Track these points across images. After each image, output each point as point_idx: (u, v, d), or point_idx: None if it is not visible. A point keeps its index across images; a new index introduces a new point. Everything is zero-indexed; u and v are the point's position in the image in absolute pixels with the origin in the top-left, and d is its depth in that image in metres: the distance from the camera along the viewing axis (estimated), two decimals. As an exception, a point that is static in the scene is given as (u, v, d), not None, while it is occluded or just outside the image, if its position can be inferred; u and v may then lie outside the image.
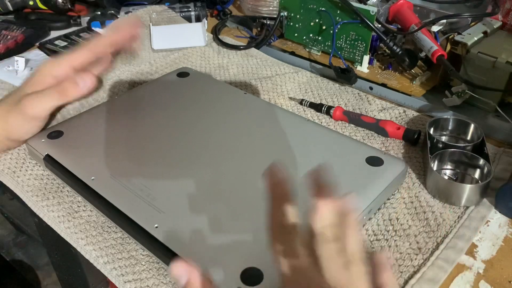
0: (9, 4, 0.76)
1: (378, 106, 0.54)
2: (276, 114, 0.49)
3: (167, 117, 0.49)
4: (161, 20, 0.73)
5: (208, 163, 0.42)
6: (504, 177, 0.43)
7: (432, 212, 0.40)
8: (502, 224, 0.40)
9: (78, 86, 0.46)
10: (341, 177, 0.40)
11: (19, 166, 0.46)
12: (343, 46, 0.61)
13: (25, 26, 0.71)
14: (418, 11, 0.61)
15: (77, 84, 0.46)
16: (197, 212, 0.37)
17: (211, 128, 0.47)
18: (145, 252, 0.37)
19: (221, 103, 0.51)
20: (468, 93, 0.51)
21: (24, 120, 0.46)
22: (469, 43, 0.51)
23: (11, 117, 0.46)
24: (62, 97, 0.46)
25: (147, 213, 0.37)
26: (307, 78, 0.60)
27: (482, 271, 0.36)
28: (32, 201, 0.43)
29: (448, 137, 0.48)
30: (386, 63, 0.60)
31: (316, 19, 0.62)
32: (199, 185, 0.40)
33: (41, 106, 0.46)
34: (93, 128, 0.47)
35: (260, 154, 0.43)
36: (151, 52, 0.67)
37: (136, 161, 0.43)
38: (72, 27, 0.75)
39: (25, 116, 0.45)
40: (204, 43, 0.68)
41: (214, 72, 0.63)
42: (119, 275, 0.36)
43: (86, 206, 0.42)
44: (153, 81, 0.57)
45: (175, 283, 0.27)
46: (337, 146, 0.44)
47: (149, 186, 0.40)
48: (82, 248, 0.39)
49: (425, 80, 0.56)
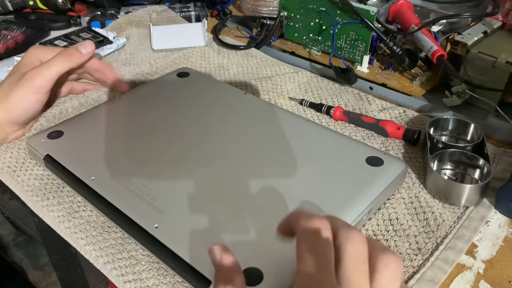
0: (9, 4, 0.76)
1: (378, 106, 0.54)
2: (276, 114, 0.49)
3: (167, 117, 0.49)
4: (161, 20, 0.73)
5: (208, 163, 0.42)
6: (504, 177, 0.43)
7: (432, 212, 0.40)
8: (502, 224, 0.40)
9: (79, 50, 0.50)
10: (341, 177, 0.40)
11: (19, 166, 0.46)
12: (343, 46, 0.61)
13: (25, 26, 0.71)
14: (418, 11, 0.61)
15: (79, 49, 0.50)
16: (197, 212, 0.37)
17: (211, 128, 0.47)
18: (145, 252, 0.37)
19: (221, 103, 0.51)
20: (468, 93, 0.51)
21: (28, 93, 0.46)
22: (469, 43, 0.51)
23: (12, 94, 0.46)
24: (67, 62, 0.49)
25: (147, 213, 0.37)
26: (307, 78, 0.60)
27: (482, 271, 0.36)
28: (32, 201, 0.43)
29: (448, 137, 0.48)
30: (386, 63, 0.60)
31: (316, 19, 0.62)
32: (199, 185, 0.40)
33: (46, 74, 0.47)
34: (93, 128, 0.47)
35: (260, 154, 0.43)
36: (151, 52, 0.67)
37: (136, 161, 0.43)
38: (72, 27, 0.75)
39: (30, 87, 0.46)
40: (204, 43, 0.68)
41: (214, 72, 0.63)
42: (119, 275, 0.36)
43: (86, 206, 0.42)
44: (153, 81, 0.57)
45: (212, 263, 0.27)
46: (337, 146, 0.44)
47: (149, 186, 0.40)
48: (82, 248, 0.39)
49: (425, 80, 0.57)
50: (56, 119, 0.52)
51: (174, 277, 0.35)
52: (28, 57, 0.49)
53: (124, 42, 0.68)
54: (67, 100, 0.54)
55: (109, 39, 0.66)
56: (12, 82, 0.47)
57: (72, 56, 0.49)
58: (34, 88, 0.47)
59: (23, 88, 0.46)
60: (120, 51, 0.66)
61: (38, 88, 0.47)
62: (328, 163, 0.42)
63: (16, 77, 0.47)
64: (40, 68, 0.47)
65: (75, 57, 0.50)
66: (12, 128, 0.48)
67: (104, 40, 0.66)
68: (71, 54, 0.49)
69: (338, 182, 0.39)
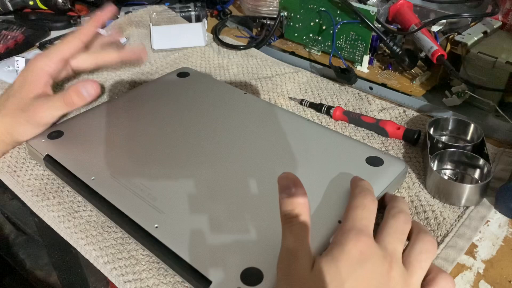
0: (9, 4, 0.76)
1: (378, 106, 0.54)
2: (276, 114, 0.49)
3: (167, 117, 0.49)
4: (161, 20, 0.73)
5: (208, 163, 0.42)
6: (504, 177, 0.43)
7: (432, 211, 0.40)
8: (502, 224, 0.40)
9: (82, 94, 0.47)
10: (341, 177, 0.40)
11: (19, 166, 0.46)
12: (343, 46, 0.61)
13: (25, 26, 0.71)
14: (418, 11, 0.61)
15: (81, 93, 0.47)
16: (197, 212, 0.37)
17: (211, 128, 0.47)
18: (145, 252, 0.37)
19: (221, 103, 0.51)
20: (468, 93, 0.51)
21: (33, 128, 0.47)
22: (469, 43, 0.51)
23: (17, 123, 0.46)
24: (68, 106, 0.48)
25: (147, 213, 0.37)
26: (307, 78, 0.60)
27: (482, 271, 0.36)
28: (32, 201, 0.43)
29: (448, 137, 0.48)
30: (386, 63, 0.60)
31: (316, 19, 0.62)
32: (199, 185, 0.40)
33: (50, 115, 0.48)
34: (93, 128, 0.47)
35: (260, 154, 0.43)
36: (151, 52, 0.67)
37: (136, 161, 0.43)
38: (72, 27, 0.75)
39: (34, 123, 0.47)
40: (204, 43, 0.68)
41: (214, 72, 0.63)
42: (119, 275, 0.36)
43: (86, 206, 0.42)
44: (153, 81, 0.57)
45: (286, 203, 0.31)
46: (337, 146, 0.44)
47: (149, 186, 0.40)
48: (82, 248, 0.39)
49: (425, 80, 0.57)
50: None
51: (174, 277, 0.35)
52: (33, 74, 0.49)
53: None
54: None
55: (109, 39, 0.66)
56: (15, 107, 0.47)
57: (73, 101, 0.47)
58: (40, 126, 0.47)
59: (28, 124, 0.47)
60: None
61: (43, 126, 0.48)
62: (328, 163, 0.42)
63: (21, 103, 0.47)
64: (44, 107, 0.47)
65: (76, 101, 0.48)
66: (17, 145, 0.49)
67: (104, 40, 0.66)
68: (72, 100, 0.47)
69: (338, 182, 0.39)
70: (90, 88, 0.47)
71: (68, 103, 0.47)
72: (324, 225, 0.35)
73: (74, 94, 0.47)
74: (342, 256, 0.28)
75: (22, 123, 0.46)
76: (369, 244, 0.29)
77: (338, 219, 0.36)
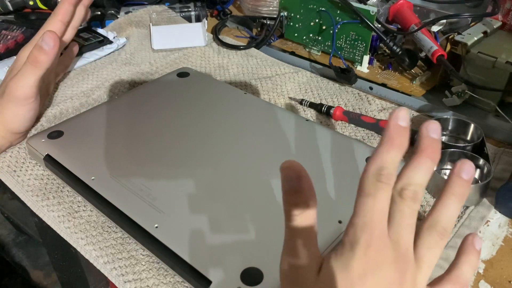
0: (9, 4, 0.76)
1: (378, 106, 0.54)
2: (276, 114, 0.49)
3: (167, 117, 0.49)
4: (161, 20, 0.73)
5: (208, 163, 0.42)
6: (504, 177, 0.43)
7: (432, 212, 0.40)
8: (502, 224, 0.40)
9: (42, 48, 0.46)
10: (341, 177, 0.40)
11: (19, 165, 0.46)
12: (343, 46, 0.61)
13: (25, 26, 0.71)
14: (418, 11, 0.61)
15: (41, 47, 0.46)
16: (197, 212, 0.37)
17: (211, 128, 0.47)
18: (145, 252, 0.37)
19: (221, 103, 0.51)
20: (468, 93, 0.51)
21: (16, 106, 0.46)
22: (469, 43, 0.51)
23: (3, 108, 0.46)
24: (36, 67, 0.46)
25: (147, 213, 0.37)
26: (307, 78, 0.60)
27: (482, 271, 0.36)
28: (32, 201, 0.43)
29: (448, 137, 0.48)
30: (386, 63, 0.60)
31: (316, 19, 0.62)
32: (199, 185, 0.40)
33: (25, 85, 0.45)
34: (93, 128, 0.47)
35: (260, 154, 0.43)
36: (151, 52, 0.67)
37: (136, 161, 0.43)
38: (72, 27, 0.75)
39: (15, 100, 0.46)
40: (204, 43, 0.68)
41: (214, 72, 0.63)
42: (119, 275, 0.36)
43: (86, 206, 0.42)
44: (153, 81, 0.57)
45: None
46: (337, 146, 0.44)
47: (149, 186, 0.40)
48: (82, 248, 0.39)
49: (425, 80, 0.57)
50: (56, 119, 0.52)
51: (174, 277, 0.35)
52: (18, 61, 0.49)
53: (124, 42, 0.68)
54: (67, 100, 0.54)
55: (109, 39, 0.66)
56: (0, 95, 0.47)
57: (38, 59, 0.46)
58: (20, 100, 0.46)
59: (10, 103, 0.46)
60: (120, 51, 0.66)
61: (23, 99, 0.46)
62: (328, 163, 0.42)
63: (1, 90, 0.47)
64: (15, 79, 0.46)
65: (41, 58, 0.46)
66: (15, 137, 0.48)
67: (104, 40, 0.66)
68: (36, 57, 0.46)
69: (338, 182, 0.39)
70: (47, 39, 0.46)
71: (32, 62, 0.45)
72: (324, 226, 0.35)
73: (35, 50, 0.45)
74: (353, 261, 0.26)
75: (6, 106, 0.46)
76: (382, 247, 0.26)
77: (338, 219, 0.36)
